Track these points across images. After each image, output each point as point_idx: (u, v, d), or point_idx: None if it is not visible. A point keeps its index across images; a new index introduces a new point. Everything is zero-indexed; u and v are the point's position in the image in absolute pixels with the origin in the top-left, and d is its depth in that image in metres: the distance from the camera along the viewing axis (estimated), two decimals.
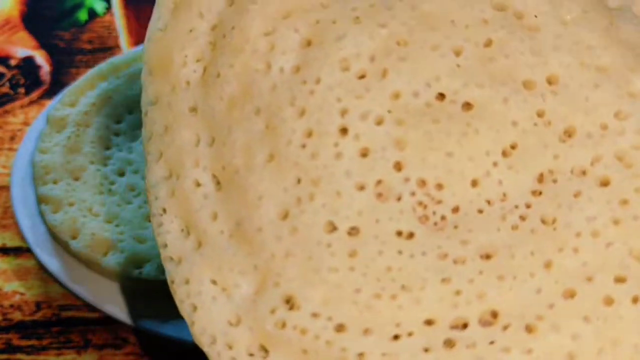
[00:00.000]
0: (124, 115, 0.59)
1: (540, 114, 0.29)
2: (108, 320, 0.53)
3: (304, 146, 0.29)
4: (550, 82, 0.30)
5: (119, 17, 0.72)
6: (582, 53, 0.30)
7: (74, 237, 0.53)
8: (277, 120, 0.29)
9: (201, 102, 0.29)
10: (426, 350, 0.27)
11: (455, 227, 0.29)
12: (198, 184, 0.29)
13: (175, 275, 0.29)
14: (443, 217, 0.29)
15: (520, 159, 0.29)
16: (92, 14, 0.72)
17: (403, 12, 0.29)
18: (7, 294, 0.55)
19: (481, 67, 0.29)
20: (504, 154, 0.29)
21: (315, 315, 0.28)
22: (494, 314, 0.28)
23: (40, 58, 0.69)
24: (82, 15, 0.72)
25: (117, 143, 0.58)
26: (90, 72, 0.61)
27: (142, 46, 0.66)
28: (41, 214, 0.54)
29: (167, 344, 0.49)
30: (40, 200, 0.54)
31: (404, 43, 0.29)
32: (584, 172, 0.29)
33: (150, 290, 0.52)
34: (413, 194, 0.29)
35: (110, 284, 0.52)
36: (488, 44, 0.30)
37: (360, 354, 0.27)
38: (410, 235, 0.29)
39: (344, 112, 0.29)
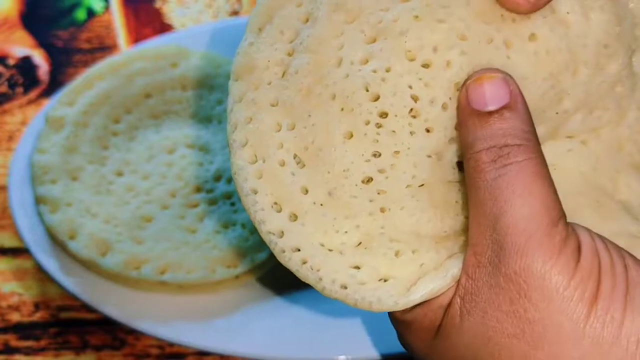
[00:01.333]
0: (123, 116, 0.59)
1: (560, 98, 0.35)
2: (106, 321, 0.53)
3: (381, 125, 0.34)
4: (574, 74, 0.35)
5: (117, 16, 0.72)
6: (599, 52, 0.35)
7: (72, 238, 0.52)
8: (353, 103, 0.34)
9: (281, 96, 0.35)
10: None
11: None
12: (283, 164, 0.35)
13: (282, 246, 0.35)
14: None
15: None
16: (91, 13, 0.72)
17: (459, 8, 0.34)
18: (5, 294, 0.55)
19: (527, 60, 0.35)
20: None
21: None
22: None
23: (39, 57, 0.69)
24: (81, 15, 0.72)
25: (115, 143, 0.57)
26: (89, 72, 0.60)
27: (140, 45, 0.65)
28: (39, 215, 0.54)
29: None
30: (38, 200, 0.54)
31: (463, 37, 0.34)
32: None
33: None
34: None
35: (108, 284, 0.52)
36: (532, 38, 0.35)
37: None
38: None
39: (415, 98, 0.34)
